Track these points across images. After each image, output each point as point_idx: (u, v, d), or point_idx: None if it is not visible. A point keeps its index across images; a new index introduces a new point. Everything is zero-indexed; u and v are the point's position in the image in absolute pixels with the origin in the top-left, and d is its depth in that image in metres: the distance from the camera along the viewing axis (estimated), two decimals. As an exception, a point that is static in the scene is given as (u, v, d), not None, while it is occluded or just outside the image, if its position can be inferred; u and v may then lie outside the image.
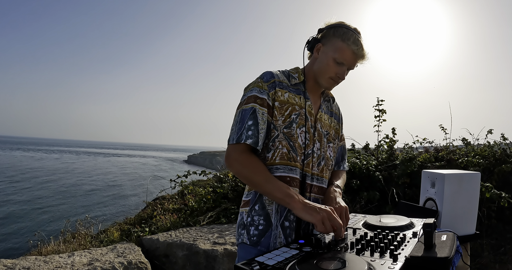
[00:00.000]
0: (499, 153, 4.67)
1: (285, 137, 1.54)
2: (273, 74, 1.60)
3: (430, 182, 2.03)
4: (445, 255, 1.11)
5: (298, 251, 1.18)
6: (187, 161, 75.36)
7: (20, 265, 3.08)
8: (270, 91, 1.56)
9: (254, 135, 1.49)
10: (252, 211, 1.55)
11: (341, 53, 1.57)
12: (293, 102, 1.59)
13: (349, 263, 0.99)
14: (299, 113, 1.59)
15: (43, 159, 61.25)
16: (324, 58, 1.61)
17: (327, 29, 1.63)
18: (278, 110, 1.56)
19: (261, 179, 1.44)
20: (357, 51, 1.58)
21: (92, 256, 3.38)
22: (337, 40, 1.58)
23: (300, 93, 1.63)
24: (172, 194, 6.72)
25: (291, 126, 1.56)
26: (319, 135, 1.66)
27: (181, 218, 5.09)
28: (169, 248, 3.78)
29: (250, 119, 1.50)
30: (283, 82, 1.60)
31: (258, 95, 1.54)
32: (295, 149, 1.55)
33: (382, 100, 5.17)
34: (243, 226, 1.56)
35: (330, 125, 1.77)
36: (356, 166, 4.64)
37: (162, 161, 77.30)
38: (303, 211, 1.34)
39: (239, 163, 1.47)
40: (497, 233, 4.06)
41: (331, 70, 1.60)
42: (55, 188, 28.72)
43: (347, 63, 1.60)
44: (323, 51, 1.62)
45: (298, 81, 1.64)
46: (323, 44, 1.63)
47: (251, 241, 1.51)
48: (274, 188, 1.41)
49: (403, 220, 1.48)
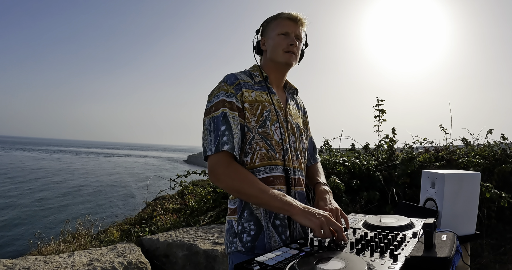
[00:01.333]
0: (499, 153, 4.68)
1: (261, 137, 1.53)
2: (236, 76, 1.59)
3: (430, 182, 2.03)
4: (445, 255, 1.11)
5: (298, 251, 1.18)
6: (187, 161, 75.36)
7: (20, 265, 3.08)
8: (237, 93, 1.54)
9: (230, 140, 1.45)
10: (241, 218, 1.51)
11: (279, 26, 1.65)
12: (262, 100, 1.59)
13: (349, 263, 0.99)
14: (269, 109, 1.58)
15: (44, 159, 61.27)
16: (271, 42, 1.66)
17: (261, 26, 1.73)
18: (249, 111, 1.53)
19: (255, 190, 1.39)
20: (291, 16, 1.65)
21: (92, 256, 3.37)
22: (271, 23, 1.68)
23: (265, 89, 1.64)
24: (172, 194, 6.72)
25: (265, 124, 1.55)
26: (292, 128, 1.66)
27: (181, 218, 5.09)
28: (169, 248, 3.78)
29: (223, 124, 1.47)
30: (247, 82, 1.60)
31: (226, 99, 1.51)
32: (273, 146, 1.54)
33: (382, 100, 5.17)
34: (234, 235, 1.52)
35: (299, 117, 1.79)
36: (356, 166, 4.64)
37: (162, 161, 77.31)
38: (302, 217, 1.32)
39: (227, 177, 1.42)
40: (497, 233, 4.06)
41: (281, 44, 1.63)
42: (55, 188, 28.72)
43: (291, 30, 1.64)
44: (267, 40, 1.69)
45: (260, 78, 1.66)
46: (264, 36, 1.71)
47: (246, 247, 1.48)
48: (271, 198, 1.38)
49: (403, 220, 1.48)
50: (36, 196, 25.07)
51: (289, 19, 1.65)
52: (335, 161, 4.68)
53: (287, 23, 1.65)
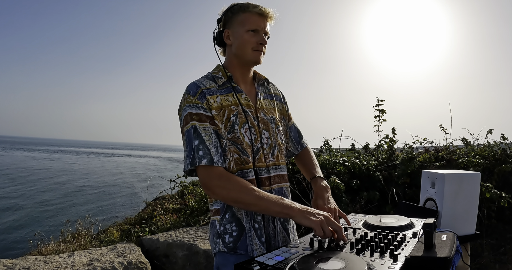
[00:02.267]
0: (499, 153, 4.68)
1: (231, 143, 1.51)
2: (197, 84, 1.54)
3: (430, 182, 2.03)
4: (445, 255, 1.11)
5: (298, 251, 1.18)
6: (188, 161, 74.93)
7: (20, 265, 3.08)
8: (203, 101, 1.50)
9: (206, 153, 1.43)
10: (223, 219, 1.52)
11: (248, 21, 1.55)
12: (228, 103, 1.54)
13: (349, 263, 0.99)
14: (237, 112, 1.54)
15: (44, 159, 61.24)
16: (237, 37, 1.58)
17: (224, 16, 1.62)
18: (217, 118, 1.50)
19: (253, 198, 1.37)
20: (261, 11, 1.56)
21: (92, 256, 3.38)
22: (238, 16, 1.57)
23: (230, 91, 1.58)
24: (172, 194, 6.72)
25: (234, 129, 1.51)
26: (265, 124, 1.62)
27: (181, 218, 5.09)
28: (169, 248, 3.78)
29: (196, 138, 1.45)
30: (210, 88, 1.55)
31: (192, 111, 1.48)
32: (245, 150, 1.52)
33: (382, 100, 5.17)
34: (217, 235, 1.53)
35: (274, 108, 1.72)
36: (356, 166, 4.64)
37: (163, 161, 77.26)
38: (302, 217, 1.31)
39: (222, 188, 1.41)
40: (497, 233, 4.06)
41: (249, 42, 1.56)
42: (55, 188, 28.70)
43: (259, 27, 1.56)
44: (232, 34, 1.59)
45: (224, 79, 1.59)
46: (229, 28, 1.60)
47: (228, 247, 1.49)
48: (269, 204, 1.36)
49: (403, 220, 1.48)
50: (36, 196, 25.05)
51: (259, 15, 1.56)
52: (335, 161, 4.68)
53: (256, 18, 1.56)
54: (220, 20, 1.63)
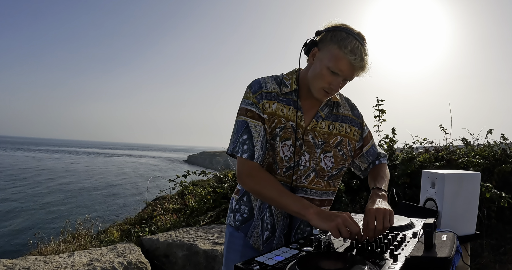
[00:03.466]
0: (499, 153, 4.67)
1: (271, 148, 1.54)
2: (261, 84, 1.53)
3: (430, 182, 2.03)
4: (445, 255, 1.11)
5: (298, 251, 1.18)
6: (187, 161, 75.32)
7: (20, 265, 3.08)
8: (259, 102, 1.51)
9: (250, 149, 1.48)
10: (241, 200, 1.64)
11: (336, 62, 1.40)
12: (280, 114, 1.52)
13: (349, 263, 0.99)
14: (284, 126, 1.52)
15: (44, 159, 61.29)
16: (318, 66, 1.45)
17: (325, 32, 1.46)
18: (266, 123, 1.52)
19: (275, 194, 1.42)
20: (354, 62, 1.39)
21: (92, 256, 3.38)
22: (333, 47, 1.41)
23: (290, 103, 1.54)
24: (172, 194, 6.72)
25: (275, 139, 1.53)
26: (309, 147, 1.56)
27: (181, 218, 5.09)
28: (169, 248, 3.79)
29: (245, 133, 1.50)
30: (271, 92, 1.53)
31: (248, 107, 1.52)
32: (277, 162, 1.54)
33: (382, 100, 5.17)
34: (231, 210, 1.68)
35: (332, 132, 1.62)
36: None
37: (162, 161, 77.32)
38: (317, 220, 1.28)
39: (250, 180, 1.49)
40: (497, 233, 4.06)
41: (324, 80, 1.44)
42: (56, 188, 28.72)
43: (343, 74, 1.43)
44: (318, 57, 1.47)
45: (289, 89, 1.54)
46: (319, 49, 1.47)
47: (235, 225, 1.64)
48: (289, 202, 1.39)
49: (403, 220, 1.48)
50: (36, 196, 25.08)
51: (350, 64, 1.40)
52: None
53: (345, 65, 1.40)
54: (319, 33, 1.48)
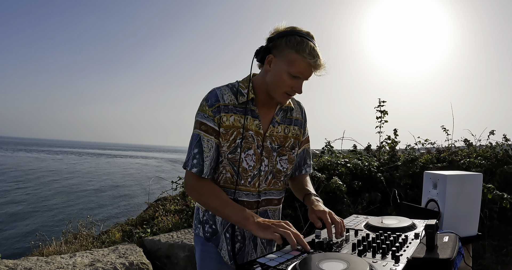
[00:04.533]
0: (501, 154, 4.67)
1: (229, 163, 1.53)
2: (217, 97, 1.51)
3: (432, 183, 2.03)
4: (447, 256, 1.10)
5: (300, 252, 1.18)
6: (189, 162, 74.99)
7: (22, 265, 3.08)
8: (215, 116, 1.49)
9: (199, 164, 1.49)
10: (206, 213, 1.64)
11: (296, 66, 1.43)
12: (238, 125, 1.52)
13: (351, 264, 0.99)
14: (244, 136, 1.53)
15: (47, 160, 61.36)
16: (277, 72, 1.46)
17: (278, 38, 1.46)
18: (223, 136, 1.51)
19: (218, 205, 1.45)
20: (314, 63, 1.43)
21: (94, 257, 3.38)
22: (290, 52, 1.42)
23: (247, 113, 1.54)
24: (174, 195, 6.72)
25: (236, 151, 1.52)
26: (268, 152, 1.60)
27: (182, 219, 5.09)
28: (170, 249, 3.79)
29: (196, 146, 1.50)
30: (228, 105, 1.51)
31: (203, 120, 1.50)
32: (239, 173, 1.54)
33: (383, 101, 5.17)
34: (199, 221, 1.66)
35: (287, 136, 1.67)
36: (358, 167, 4.64)
37: (164, 162, 77.33)
38: (257, 230, 1.32)
39: (195, 191, 1.51)
40: (499, 234, 4.05)
41: (286, 84, 1.47)
42: (58, 188, 28.73)
43: (304, 76, 1.47)
44: (275, 64, 1.47)
45: (246, 99, 1.53)
46: (275, 56, 1.47)
47: (205, 236, 1.63)
48: (230, 213, 1.42)
49: (405, 221, 1.47)
50: (39, 197, 25.11)
51: (310, 66, 1.44)
52: (337, 162, 4.68)
53: (305, 67, 1.44)
54: (270, 40, 1.48)
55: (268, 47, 1.50)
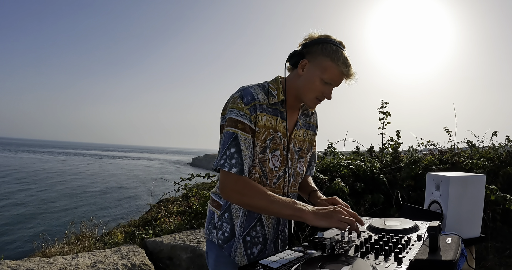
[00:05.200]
0: (504, 155, 4.66)
1: (258, 163, 1.53)
2: (253, 96, 1.51)
3: (434, 184, 2.02)
4: (450, 258, 1.10)
5: (302, 254, 1.18)
6: (192, 164, 75.47)
7: (24, 266, 3.09)
8: (252, 114, 1.49)
9: (238, 163, 1.44)
10: (223, 217, 1.59)
11: (330, 73, 1.49)
12: (269, 126, 1.54)
13: (353, 266, 0.99)
14: (273, 137, 1.55)
15: (50, 161, 61.58)
16: (310, 77, 1.51)
17: (313, 45, 1.52)
18: (257, 136, 1.51)
19: (265, 202, 1.39)
20: (346, 72, 1.50)
21: (96, 258, 3.38)
22: (325, 59, 1.48)
23: (277, 114, 1.57)
24: (176, 196, 6.73)
25: (265, 151, 1.53)
26: (291, 154, 1.63)
27: (185, 221, 5.09)
28: (173, 251, 3.79)
29: (232, 146, 1.45)
30: (263, 105, 1.53)
31: (239, 118, 1.47)
32: (266, 174, 1.55)
33: (386, 103, 5.16)
34: (213, 226, 1.61)
35: (305, 139, 1.72)
36: (360, 169, 4.63)
37: (167, 163, 77.48)
38: (317, 220, 1.32)
39: (237, 193, 1.44)
40: (502, 236, 4.04)
41: (317, 90, 1.52)
42: (60, 190, 28.83)
43: (335, 83, 1.53)
44: (308, 69, 1.52)
45: (277, 100, 1.56)
46: (309, 61, 1.52)
47: (218, 243, 1.59)
48: (281, 207, 1.38)
49: (408, 223, 1.47)
50: (42, 198, 25.18)
51: (342, 74, 1.51)
52: (340, 164, 4.67)
53: (338, 75, 1.50)
54: (305, 46, 1.54)
55: (302, 52, 1.54)
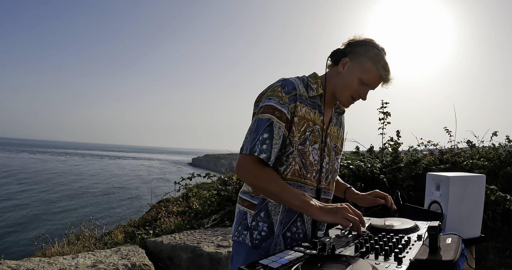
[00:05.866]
0: (504, 155, 4.65)
1: (298, 154, 1.53)
2: (294, 86, 1.53)
3: (434, 184, 2.02)
4: (450, 258, 1.10)
5: (302, 254, 1.18)
6: (192, 164, 75.48)
7: (24, 266, 3.09)
8: (291, 104, 1.50)
9: (268, 150, 1.44)
10: (258, 216, 1.55)
11: (369, 75, 1.55)
12: (308, 118, 1.55)
13: (353, 266, 0.99)
14: (312, 129, 1.56)
15: (50, 161, 61.63)
16: (349, 75, 1.56)
17: (357, 45, 1.58)
18: (296, 126, 1.51)
19: (278, 189, 1.41)
20: (385, 76, 1.57)
21: (96, 258, 3.38)
22: (367, 61, 1.54)
23: (315, 107, 1.59)
24: (177, 196, 6.73)
25: (305, 143, 1.53)
26: (329, 150, 1.65)
27: (185, 221, 5.10)
28: (173, 251, 3.79)
29: (266, 131, 1.45)
30: (302, 96, 1.55)
31: (277, 106, 1.48)
32: (307, 166, 1.55)
33: (386, 103, 5.16)
34: (245, 227, 1.56)
35: (338, 137, 1.74)
36: (360, 169, 4.63)
37: (167, 163, 77.48)
38: (322, 215, 1.33)
39: (252, 175, 1.44)
40: (502, 236, 4.04)
41: (354, 89, 1.57)
42: (63, 191, 28.84)
43: (372, 85, 1.58)
44: (349, 68, 1.57)
45: (316, 93, 1.59)
46: (351, 60, 1.57)
47: (253, 243, 1.53)
48: (291, 197, 1.39)
49: (408, 223, 1.47)
50: (43, 198, 25.19)
51: (381, 78, 1.57)
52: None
53: (377, 78, 1.56)
54: (349, 45, 1.60)
55: (344, 51, 1.59)
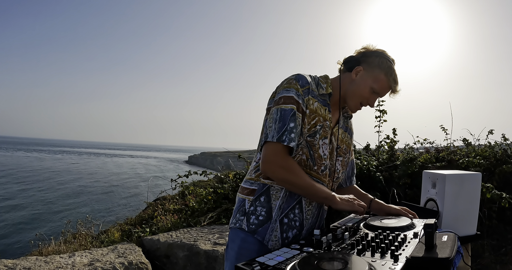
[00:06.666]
0: (500, 154, 4.67)
1: (306, 145, 1.57)
2: (307, 80, 1.60)
3: (431, 182, 2.03)
4: (446, 255, 1.11)
5: (299, 251, 1.18)
6: (188, 162, 75.40)
7: (21, 265, 3.08)
8: (305, 96, 1.57)
9: (295, 139, 1.51)
10: (257, 201, 1.58)
11: (380, 85, 1.63)
12: (319, 113, 1.61)
13: (350, 263, 0.99)
14: (323, 125, 1.60)
15: (46, 159, 61.44)
16: (362, 83, 1.64)
17: (371, 56, 1.66)
18: (307, 118, 1.57)
19: (307, 184, 1.51)
20: (394, 87, 1.67)
21: (93, 257, 3.38)
22: (380, 72, 1.63)
23: (325, 105, 1.64)
24: (173, 194, 6.72)
25: (315, 136, 1.58)
26: (331, 148, 1.68)
27: (181, 219, 5.09)
28: (169, 249, 3.78)
29: (292, 121, 1.51)
30: (314, 91, 1.61)
31: (296, 98, 1.54)
32: (314, 159, 1.58)
33: (382, 101, 5.16)
34: (243, 213, 1.59)
35: (343, 140, 1.79)
36: (356, 167, 4.63)
37: (163, 161, 77.38)
38: (342, 205, 1.52)
39: (284, 170, 1.49)
40: (498, 234, 4.06)
41: (364, 96, 1.65)
42: (61, 190, 28.76)
43: (381, 94, 1.67)
44: (362, 76, 1.64)
45: (325, 92, 1.65)
46: (364, 69, 1.65)
47: (249, 228, 1.55)
48: (318, 191, 1.52)
49: (404, 221, 1.48)
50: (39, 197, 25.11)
51: (390, 89, 1.67)
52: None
53: (386, 89, 1.67)
54: (364, 55, 1.68)
55: (358, 59, 1.67)
